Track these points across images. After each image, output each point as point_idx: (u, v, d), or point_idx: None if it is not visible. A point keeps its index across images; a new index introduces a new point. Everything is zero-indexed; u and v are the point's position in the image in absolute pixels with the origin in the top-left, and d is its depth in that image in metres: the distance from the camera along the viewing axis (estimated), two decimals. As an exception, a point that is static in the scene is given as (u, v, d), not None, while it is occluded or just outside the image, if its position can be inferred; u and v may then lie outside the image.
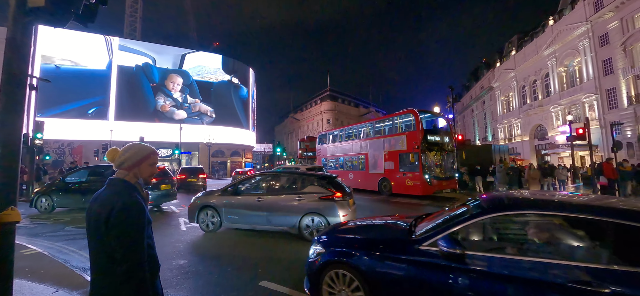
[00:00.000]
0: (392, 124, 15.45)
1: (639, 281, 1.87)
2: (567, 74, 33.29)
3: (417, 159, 12.94)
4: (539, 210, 2.43)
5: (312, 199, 6.17)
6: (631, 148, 24.70)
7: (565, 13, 33.82)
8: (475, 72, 62.58)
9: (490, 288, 2.18)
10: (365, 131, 17.52)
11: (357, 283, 2.81)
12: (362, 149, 16.69)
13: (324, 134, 22.59)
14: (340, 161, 18.82)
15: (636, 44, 24.84)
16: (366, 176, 15.99)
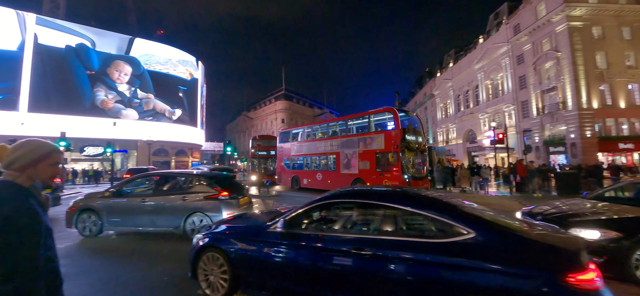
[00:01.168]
0: (367, 122, 14.60)
1: (401, 245, 2.60)
2: (492, 87, 38.31)
3: (396, 158, 12.38)
4: (343, 199, 3.42)
5: (197, 199, 6.16)
6: (538, 150, 29.49)
7: (492, 33, 38.89)
8: (419, 80, 68.21)
9: (305, 255, 2.99)
10: (337, 129, 16.41)
11: (222, 261, 3.46)
12: (332, 148, 15.63)
13: (287, 132, 20.90)
14: (306, 161, 17.61)
15: (543, 65, 29.76)
16: (337, 177, 14.93)
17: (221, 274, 3.46)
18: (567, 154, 26.81)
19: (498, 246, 2.32)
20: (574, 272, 2.06)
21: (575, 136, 26.05)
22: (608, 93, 26.65)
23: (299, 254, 3.03)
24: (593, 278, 2.08)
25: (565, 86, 26.99)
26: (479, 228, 2.44)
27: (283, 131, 22.12)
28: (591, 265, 2.17)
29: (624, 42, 27.23)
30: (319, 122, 20.02)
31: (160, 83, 43.78)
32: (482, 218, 2.60)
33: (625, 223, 4.04)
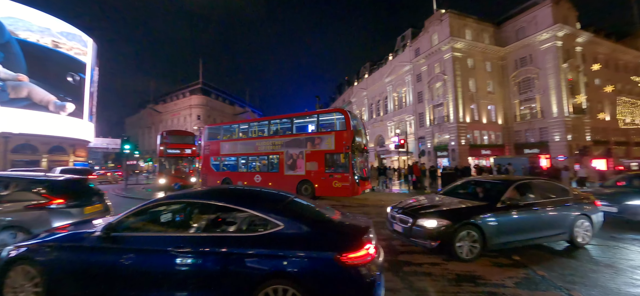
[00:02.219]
0: (315, 122, 14.13)
1: (213, 241, 2.82)
2: (398, 99, 44.18)
3: (347, 159, 12.28)
4: (171, 201, 3.59)
5: (11, 211, 4.85)
6: (430, 154, 35.53)
7: (399, 53, 44.87)
8: (339, 87, 73.03)
9: (129, 258, 2.91)
10: (281, 127, 15.38)
11: (35, 274, 3.06)
12: (275, 148, 14.48)
13: (216, 128, 18.90)
14: (242, 161, 15.84)
15: (435, 84, 36.04)
16: (281, 179, 13.92)
17: (33, 288, 3.03)
18: (449, 158, 33.14)
19: (300, 236, 2.71)
20: (347, 252, 2.53)
21: (454, 144, 32.50)
22: (476, 111, 34.23)
23: (121, 258, 2.90)
24: (364, 255, 2.59)
25: (449, 103, 33.38)
26: (287, 220, 2.80)
27: (211, 127, 19.76)
28: (368, 244, 2.69)
29: (487, 73, 35.52)
30: (258, 119, 18.53)
31: (38, 60, 32.96)
32: (290, 211, 3.01)
33: (453, 213, 4.86)
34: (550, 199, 5.46)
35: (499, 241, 4.80)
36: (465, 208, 5.03)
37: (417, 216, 4.89)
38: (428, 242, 4.66)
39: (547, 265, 4.57)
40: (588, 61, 34.05)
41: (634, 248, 5.46)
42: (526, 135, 34.07)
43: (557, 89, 30.82)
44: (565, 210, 5.37)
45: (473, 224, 4.68)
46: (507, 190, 5.20)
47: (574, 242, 5.38)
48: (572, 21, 32.50)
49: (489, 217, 4.79)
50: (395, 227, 5.28)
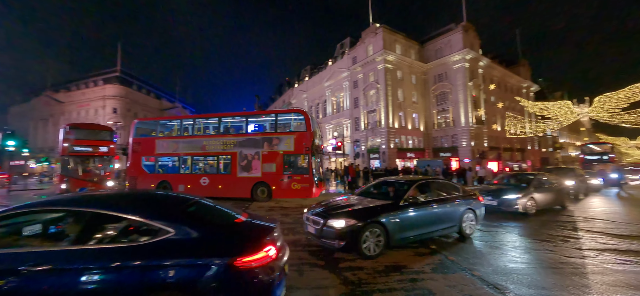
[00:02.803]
0: (273, 121, 13.73)
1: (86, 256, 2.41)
2: (336, 103, 46.17)
3: (307, 161, 12.21)
4: (36, 208, 2.99)
5: None
6: (364, 156, 38.12)
7: (338, 59, 46.95)
8: (280, 88, 72.51)
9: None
10: (233, 126, 14.34)
11: None
12: (226, 148, 13.41)
13: (150, 123, 16.75)
14: (185, 162, 14.09)
15: (369, 91, 38.85)
16: (233, 181, 13.07)
17: None
18: (380, 160, 36.13)
19: (192, 242, 2.52)
20: (243, 255, 2.46)
21: (385, 147, 35.61)
22: (403, 118, 38.16)
23: None
24: (263, 258, 2.54)
25: (381, 109, 36.43)
26: (178, 226, 2.58)
27: (143, 122, 17.37)
28: (268, 246, 2.63)
29: (412, 85, 39.97)
30: (206, 116, 16.28)
31: None
32: (184, 216, 2.81)
33: (361, 213, 5.06)
34: (444, 197, 6.07)
35: (401, 237, 5.16)
36: (373, 207, 5.25)
37: (328, 217, 4.99)
38: (336, 242, 4.79)
39: (456, 250, 5.40)
40: (486, 81, 41.44)
41: (510, 232, 6.87)
42: (442, 140, 39.53)
43: (464, 103, 36.63)
44: (456, 206, 6.05)
45: (378, 223, 4.94)
46: (410, 189, 5.62)
47: (462, 233, 6.10)
48: (476, 47, 39.12)
49: (393, 215, 5.11)
50: (308, 229, 5.34)
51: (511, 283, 3.93)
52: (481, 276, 4.19)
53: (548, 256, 5.10)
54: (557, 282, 3.99)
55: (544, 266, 4.61)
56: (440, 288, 3.76)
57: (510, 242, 6.04)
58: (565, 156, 57.46)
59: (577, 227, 7.33)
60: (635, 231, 6.92)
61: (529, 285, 3.90)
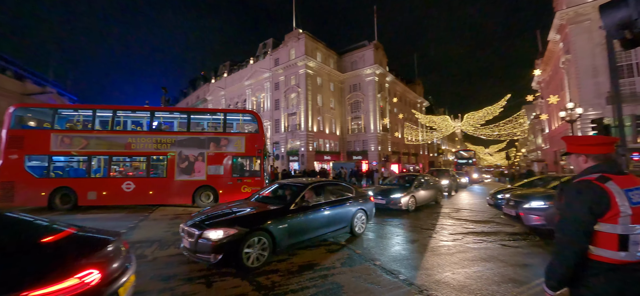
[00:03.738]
0: (220, 121, 12.78)
1: None
2: (256, 103, 45.02)
3: (259, 163, 11.98)
4: None
5: None
6: (283, 158, 38.31)
7: (260, 59, 45.93)
8: (194, 81, 65.95)
9: None
10: (167, 122, 12.75)
11: None
12: (161, 147, 11.63)
13: (42, 111, 12.92)
14: (97, 163, 11.47)
15: (290, 94, 39.35)
16: (169, 185, 11.48)
17: None
18: (299, 162, 37.02)
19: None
20: (34, 288, 1.90)
21: (304, 150, 36.70)
22: (322, 122, 40.15)
23: None
24: (73, 287, 2.05)
25: (301, 113, 37.42)
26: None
27: (26, 108, 12.96)
28: (84, 271, 2.15)
29: (330, 92, 42.53)
30: (133, 108, 13.68)
31: None
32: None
33: (244, 220, 4.61)
34: (337, 199, 6.18)
35: (289, 243, 4.94)
36: (259, 213, 4.90)
37: (204, 227, 4.38)
38: (211, 256, 4.16)
39: (362, 245, 6.01)
40: (391, 95, 47.65)
41: (395, 225, 8.08)
42: (355, 145, 43.32)
43: (374, 112, 41.16)
44: (348, 206, 6.25)
45: (264, 230, 4.59)
46: (303, 192, 5.48)
47: (354, 232, 6.33)
48: (384, 64, 44.55)
49: (281, 220, 4.86)
50: (184, 243, 4.62)
51: (403, 268, 4.63)
52: (381, 264, 4.78)
53: (429, 242, 6.21)
54: (436, 262, 4.90)
55: (427, 250, 5.59)
56: (348, 280, 4.11)
57: (402, 234, 7.09)
58: (446, 159, 71.16)
59: (449, 217, 9.18)
60: (487, 217, 9.12)
61: (416, 267, 4.66)
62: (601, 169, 1.63)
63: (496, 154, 79.61)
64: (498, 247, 5.79)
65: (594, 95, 24.93)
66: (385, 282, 4.06)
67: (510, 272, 4.43)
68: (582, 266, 1.55)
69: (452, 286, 3.90)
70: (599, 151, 1.68)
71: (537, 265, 4.73)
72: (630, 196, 1.51)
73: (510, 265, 4.77)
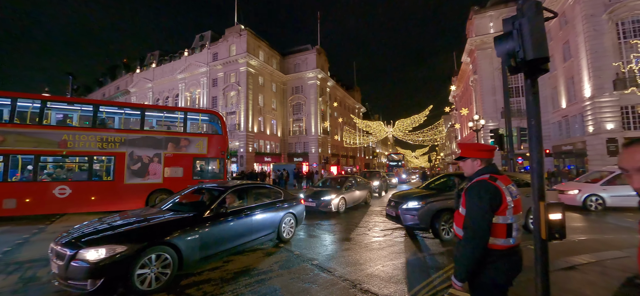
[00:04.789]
0: (179, 119, 12.09)
1: None
2: (191, 99, 41.51)
3: (222, 166, 11.61)
4: None
5: None
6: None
7: (196, 51, 42.51)
8: (113, 69, 57.32)
9: None
10: (110, 117, 11.53)
11: None
12: (107, 146, 10.27)
13: None
14: (22, 164, 9.48)
15: (230, 92, 37.41)
16: (117, 189, 10.24)
17: None
18: (237, 163, 35.43)
19: None
20: None
21: (243, 151, 35.30)
22: (262, 123, 39.24)
23: None
24: None
25: (241, 112, 35.93)
26: None
27: None
28: None
29: (273, 92, 41.90)
30: (69, 99, 11.97)
31: None
32: None
33: (138, 233, 3.81)
34: (263, 203, 5.75)
35: (201, 257, 4.29)
36: (160, 224, 4.09)
37: (80, 245, 3.45)
38: (87, 283, 3.27)
39: (301, 246, 6.07)
40: (332, 99, 49.44)
41: (332, 225, 8.48)
42: (296, 146, 43.54)
43: (315, 115, 42.08)
44: (276, 211, 5.89)
45: (166, 244, 3.83)
46: (221, 197, 4.92)
47: (281, 238, 5.97)
48: (326, 69, 45.98)
49: (191, 231, 4.18)
50: (52, 267, 3.57)
51: (339, 265, 4.83)
52: (319, 264, 4.90)
53: (363, 239, 6.62)
54: (369, 257, 5.25)
55: (361, 247, 5.96)
56: (286, 282, 4.09)
57: (339, 233, 7.41)
58: (379, 162, 76.99)
59: (379, 215, 9.96)
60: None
61: (351, 263, 4.91)
62: (489, 170, 1.93)
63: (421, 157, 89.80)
64: (420, 239, 6.52)
65: (493, 109, 30.23)
66: (322, 280, 4.18)
67: (430, 260, 5.04)
68: (484, 256, 1.78)
69: (382, 278, 4.23)
70: (487, 156, 1.99)
71: (450, 252, 5.48)
72: (510, 191, 1.83)
73: (430, 253, 5.42)
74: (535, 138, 2.56)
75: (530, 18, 2.28)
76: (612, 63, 20.32)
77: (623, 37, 20.58)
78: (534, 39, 2.23)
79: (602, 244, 5.75)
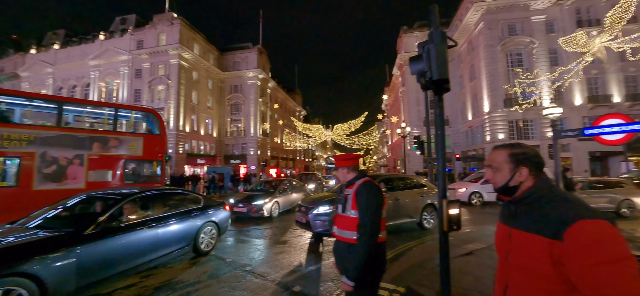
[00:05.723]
0: (112, 116, 10.73)
1: None
2: (107, 90, 35.89)
3: (161, 170, 10.60)
4: None
5: None
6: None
7: (115, 36, 36.96)
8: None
9: None
10: (11, 108, 9.39)
11: None
12: (8, 145, 8.17)
13: None
14: None
15: (157, 86, 33.59)
16: (22, 196, 8.17)
17: None
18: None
19: None
20: None
21: (172, 151, 32.07)
22: (196, 122, 36.34)
23: None
24: None
25: (170, 109, 32.63)
26: None
27: None
28: None
29: (208, 90, 39.20)
30: None
31: None
32: None
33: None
34: (174, 212, 4.97)
35: (81, 285, 3.45)
36: (9, 248, 3.11)
37: None
38: None
39: (232, 252, 5.82)
40: (272, 101, 48.82)
41: (266, 229, 8.46)
42: (233, 148, 41.56)
43: (254, 116, 40.92)
44: (191, 220, 5.16)
45: (19, 275, 2.92)
46: (114, 208, 4.04)
47: (199, 251, 5.27)
48: (267, 70, 45.19)
49: (64, 253, 3.28)
50: None
51: (273, 269, 4.80)
52: (252, 269, 4.78)
53: (298, 242, 6.72)
54: (303, 259, 5.35)
55: (296, 249, 6.03)
56: (215, 293, 3.88)
57: (274, 237, 7.36)
58: (319, 165, 78.96)
59: (319, 217, 10.27)
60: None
61: (284, 267, 4.93)
62: (364, 174, 2.14)
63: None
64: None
65: (417, 118, 34.05)
66: (254, 286, 4.09)
67: (358, 258, 5.40)
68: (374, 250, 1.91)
69: (314, 278, 4.36)
70: (355, 163, 2.16)
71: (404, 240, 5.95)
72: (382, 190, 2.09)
73: (358, 252, 5.80)
74: (441, 146, 3.02)
75: (436, 45, 2.69)
76: (503, 85, 25.08)
77: (511, 65, 25.64)
78: (438, 63, 2.63)
79: (489, 232, 7.03)
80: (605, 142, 5.91)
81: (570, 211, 1.00)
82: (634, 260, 0.92)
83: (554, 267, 1.00)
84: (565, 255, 0.97)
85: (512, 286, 1.16)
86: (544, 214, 1.06)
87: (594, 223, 0.95)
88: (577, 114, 23.88)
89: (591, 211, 0.98)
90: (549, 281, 1.03)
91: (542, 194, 1.12)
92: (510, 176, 1.19)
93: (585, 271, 0.92)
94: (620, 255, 0.91)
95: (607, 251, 0.91)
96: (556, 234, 0.99)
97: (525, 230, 1.10)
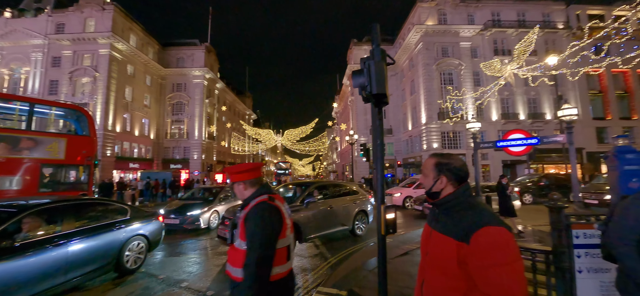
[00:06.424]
0: (25, 113, 8.80)
1: None
2: (11, 79, 29.93)
3: (87, 175, 9.24)
4: None
5: None
6: (61, 165, 27.41)
7: (27, 15, 31.15)
8: None
9: None
10: None
11: None
12: None
13: None
14: None
15: (81, 78, 29.21)
16: None
17: None
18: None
19: None
20: None
21: (99, 154, 28.07)
22: (129, 121, 32.50)
23: None
24: None
25: (97, 105, 28.61)
26: None
27: None
28: None
29: (146, 86, 35.48)
30: None
31: None
32: None
33: None
34: (94, 225, 4.38)
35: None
36: None
37: None
38: None
39: (165, 269, 5.31)
40: (220, 102, 46.44)
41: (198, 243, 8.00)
42: (174, 151, 38.20)
43: (199, 118, 38.33)
44: (113, 234, 4.57)
45: None
46: (9, 222, 3.43)
47: (124, 269, 4.68)
48: (215, 70, 42.88)
49: None
50: None
51: (213, 283, 4.52)
52: (189, 285, 4.42)
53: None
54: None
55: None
56: (141, 313, 3.48)
57: (216, 249, 6.95)
58: (268, 170, 77.37)
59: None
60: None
61: (226, 279, 4.68)
62: (265, 190, 1.71)
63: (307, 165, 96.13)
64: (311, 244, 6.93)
65: (364, 127, 35.89)
66: (190, 303, 3.79)
67: (307, 262, 5.42)
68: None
69: (257, 289, 4.22)
70: (253, 175, 1.73)
71: (343, 247, 6.05)
72: (287, 210, 1.72)
73: (306, 256, 5.82)
74: (380, 155, 3.22)
75: (376, 62, 2.89)
76: (437, 100, 28.05)
77: (443, 83, 28.87)
78: (377, 78, 2.83)
79: (426, 235, 7.72)
80: (511, 153, 7.04)
81: (480, 219, 1.14)
82: (521, 262, 1.11)
83: (459, 266, 1.15)
84: (469, 256, 1.12)
85: (427, 281, 1.30)
86: (458, 220, 1.20)
87: (497, 230, 1.10)
88: (494, 128, 27.95)
89: (497, 220, 1.14)
90: (455, 278, 1.17)
91: (459, 202, 1.26)
92: (433, 182, 1.34)
93: (483, 271, 1.08)
94: (511, 258, 1.07)
95: (502, 255, 1.07)
96: (464, 238, 1.13)
97: (441, 232, 1.25)
